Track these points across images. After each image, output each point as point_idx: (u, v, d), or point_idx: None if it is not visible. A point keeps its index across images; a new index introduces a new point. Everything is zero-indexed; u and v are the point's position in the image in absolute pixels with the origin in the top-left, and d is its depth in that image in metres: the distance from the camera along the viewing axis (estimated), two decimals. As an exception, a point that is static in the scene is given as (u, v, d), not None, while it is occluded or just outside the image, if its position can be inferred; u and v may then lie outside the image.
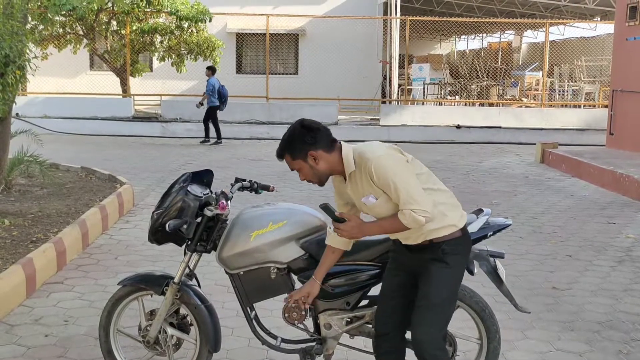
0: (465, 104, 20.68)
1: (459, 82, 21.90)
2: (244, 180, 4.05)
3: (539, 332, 5.02)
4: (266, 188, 4.12)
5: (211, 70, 16.59)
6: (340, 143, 3.36)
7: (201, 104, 16.56)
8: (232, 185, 3.99)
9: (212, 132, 16.34)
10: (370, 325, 3.76)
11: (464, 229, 3.37)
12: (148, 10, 18.55)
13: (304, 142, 3.30)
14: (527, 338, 4.91)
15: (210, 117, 16.35)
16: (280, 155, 3.38)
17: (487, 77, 22.18)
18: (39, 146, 9.37)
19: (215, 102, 16.21)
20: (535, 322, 5.19)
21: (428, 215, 3.17)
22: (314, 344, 3.81)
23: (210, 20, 18.34)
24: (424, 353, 3.26)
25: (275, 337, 3.88)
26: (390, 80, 21.98)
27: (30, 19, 15.70)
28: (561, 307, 5.55)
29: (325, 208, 3.35)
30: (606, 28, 23.48)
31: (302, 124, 3.35)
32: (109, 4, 18.07)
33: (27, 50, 7.33)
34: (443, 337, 3.35)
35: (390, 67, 21.73)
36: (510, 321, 5.12)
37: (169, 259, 6.39)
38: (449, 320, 3.41)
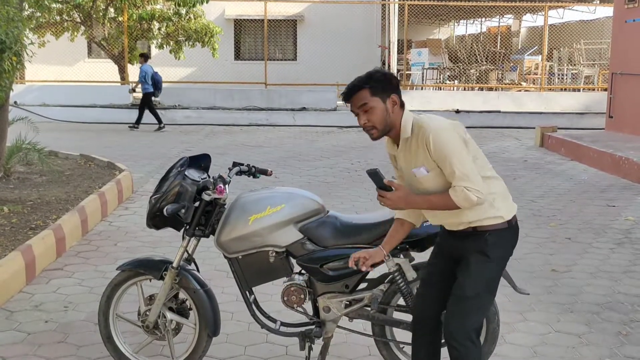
0: (465, 89, 20.64)
1: (458, 66, 21.85)
2: (242, 164, 4.04)
3: (539, 314, 5.03)
4: (264, 172, 4.11)
5: (144, 57, 16.69)
6: (405, 108, 3.23)
7: (133, 90, 16.61)
8: (230, 169, 3.98)
9: (154, 121, 16.27)
10: (370, 308, 3.76)
11: (511, 222, 3.23)
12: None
13: (391, 84, 3.18)
14: (527, 320, 4.92)
15: (145, 103, 16.39)
16: (356, 88, 3.16)
17: (486, 61, 22.12)
18: (38, 134, 9.36)
19: (149, 88, 16.30)
20: (535, 304, 5.20)
21: (481, 196, 3.04)
22: (313, 327, 3.81)
23: (207, 2, 18.22)
24: (453, 343, 3.19)
25: (274, 321, 3.89)
26: (389, 66, 21.92)
27: (26, 5, 15.63)
28: (560, 290, 5.56)
29: (374, 174, 3.15)
30: (605, 11, 23.40)
31: (385, 71, 3.25)
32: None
33: (24, 37, 7.30)
34: (476, 329, 3.25)
35: (389, 52, 21.68)
36: (509, 303, 5.13)
37: (168, 245, 6.40)
38: (485, 313, 3.34)
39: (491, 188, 3.19)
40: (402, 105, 3.20)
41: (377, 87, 3.14)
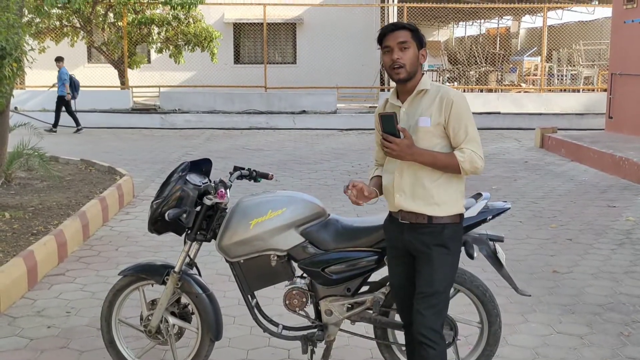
0: (464, 90, 20.64)
1: (457, 68, 21.86)
2: (243, 169, 4.05)
3: (540, 315, 5.04)
4: (265, 176, 4.12)
5: (61, 60, 16.66)
6: None
7: (69, 94, 16.46)
8: (231, 173, 3.99)
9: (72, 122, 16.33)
10: (371, 311, 3.77)
11: (462, 217, 3.34)
12: (145, 1, 18.48)
13: (423, 40, 3.30)
14: (528, 321, 4.92)
15: (62, 104, 16.43)
16: (403, 27, 3.25)
17: (485, 63, 22.14)
18: (39, 139, 9.37)
19: (64, 91, 16.36)
20: (536, 306, 5.20)
21: (482, 164, 3.18)
22: (315, 330, 3.82)
23: (202, 2, 18.21)
24: (426, 341, 3.20)
25: (276, 325, 3.89)
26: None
27: (26, 11, 15.66)
28: (562, 291, 5.56)
29: (390, 117, 3.12)
30: (604, 11, 23.42)
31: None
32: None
33: (24, 43, 7.31)
34: (442, 323, 3.30)
35: (389, 54, 21.66)
36: (511, 305, 5.14)
37: (170, 250, 6.40)
38: (447, 306, 3.38)
39: (462, 185, 3.30)
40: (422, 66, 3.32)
41: (417, 35, 3.25)
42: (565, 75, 21.65)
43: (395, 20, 20.53)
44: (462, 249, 3.57)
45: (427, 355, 3.21)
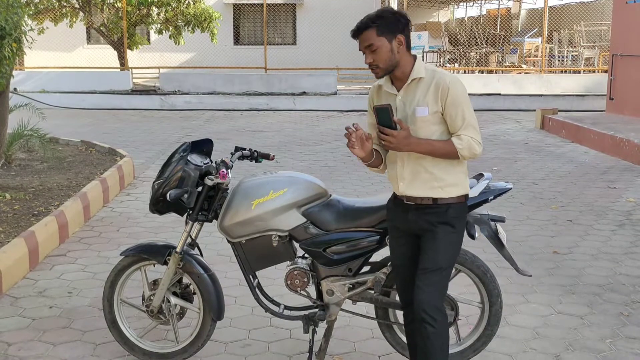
0: (465, 72, 20.58)
1: (457, 49, 21.77)
2: (244, 149, 4.05)
3: (541, 295, 5.06)
4: (266, 157, 4.12)
5: None
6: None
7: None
8: (232, 154, 3.99)
9: None
10: (373, 291, 3.78)
11: (466, 196, 3.34)
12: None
13: (398, 23, 3.19)
14: (529, 302, 4.94)
15: None
16: (364, 27, 3.18)
17: (486, 44, 22.04)
18: (38, 120, 9.36)
19: None
20: (537, 286, 5.22)
21: (481, 149, 3.17)
22: (316, 310, 3.83)
23: None
24: (424, 315, 3.20)
25: (278, 305, 3.91)
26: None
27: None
28: (562, 271, 5.58)
29: (386, 110, 3.09)
30: (606, -8, 23.26)
31: (395, 10, 3.25)
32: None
33: (23, 23, 7.27)
34: (442, 301, 3.30)
35: (389, 35, 21.56)
36: (511, 285, 5.16)
37: (171, 231, 6.42)
38: (447, 285, 3.38)
39: (464, 166, 3.30)
40: (408, 47, 3.24)
41: (384, 26, 3.16)
42: (566, 57, 21.57)
43: (395, 2, 20.43)
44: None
45: (427, 333, 3.21)
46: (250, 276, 3.86)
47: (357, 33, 3.22)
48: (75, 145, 10.47)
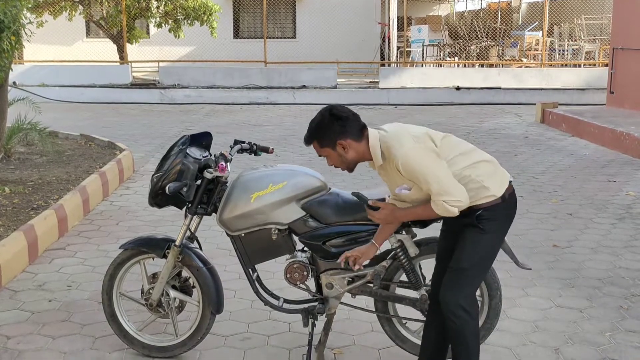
0: (465, 65, 20.54)
1: (458, 43, 21.72)
2: (243, 142, 4.05)
3: (540, 289, 5.05)
4: (265, 150, 4.12)
5: None
6: (368, 131, 3.30)
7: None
8: (231, 147, 3.98)
9: None
10: (372, 285, 3.78)
11: (504, 196, 3.27)
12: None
13: (333, 131, 3.27)
14: (528, 295, 4.94)
15: None
16: (308, 141, 3.36)
17: (486, 37, 21.99)
18: (38, 114, 9.34)
19: None
20: (536, 280, 5.22)
21: (461, 204, 3.14)
22: (316, 303, 3.83)
23: None
24: (448, 314, 3.26)
25: (277, 298, 3.90)
26: (389, 43, 21.80)
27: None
28: (562, 265, 5.58)
29: (358, 196, 3.40)
30: (606, -14, 23.18)
31: (331, 111, 3.30)
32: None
33: (22, 16, 7.26)
34: (470, 300, 3.30)
35: (389, 29, 21.55)
36: (511, 279, 5.15)
37: (171, 224, 6.41)
38: (478, 285, 3.40)
39: (480, 171, 3.26)
40: (359, 134, 3.28)
41: (322, 139, 3.32)
42: (567, 50, 21.52)
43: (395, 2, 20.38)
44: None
45: (449, 329, 3.31)
46: (250, 269, 3.85)
47: (307, 144, 3.39)
48: (74, 139, 10.46)
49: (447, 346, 3.53)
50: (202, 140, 3.97)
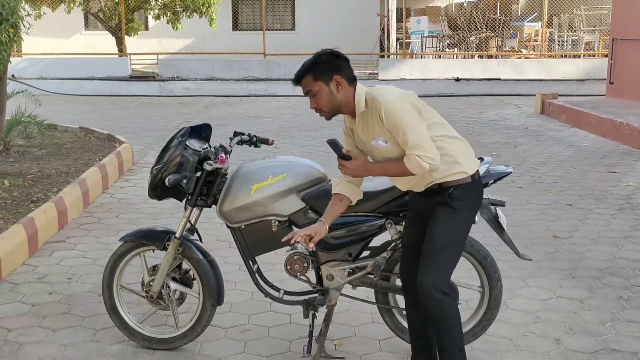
0: (464, 57, 20.51)
1: (457, 34, 21.67)
2: (243, 134, 4.04)
3: (540, 279, 5.06)
4: (265, 141, 4.11)
5: None
6: (357, 82, 3.32)
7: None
8: (231, 139, 3.97)
9: None
10: (373, 276, 3.78)
11: (475, 177, 3.32)
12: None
13: (332, 65, 3.26)
14: (529, 286, 4.94)
15: None
16: (301, 75, 3.29)
17: (485, 28, 21.94)
18: (37, 107, 9.33)
19: None
20: (537, 270, 5.22)
21: (434, 163, 3.14)
22: (316, 295, 3.82)
23: None
24: (427, 297, 3.23)
25: (278, 290, 3.90)
26: (388, 34, 21.75)
27: (22, -22, 15.45)
28: (562, 255, 5.58)
29: (333, 143, 3.27)
30: (606, -24, 23.11)
31: (332, 50, 3.33)
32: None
33: (20, 9, 7.24)
34: (447, 281, 3.30)
35: (388, 20, 21.49)
36: (511, 270, 5.15)
37: (170, 216, 6.41)
38: (454, 266, 3.36)
39: (454, 146, 3.30)
40: (351, 80, 3.30)
41: (318, 71, 3.25)
42: (566, 41, 21.47)
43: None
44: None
45: (429, 314, 3.29)
46: (250, 261, 3.85)
47: (296, 82, 3.31)
48: (73, 132, 10.45)
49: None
50: (202, 132, 3.96)
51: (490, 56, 20.23)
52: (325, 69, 3.25)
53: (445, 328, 3.30)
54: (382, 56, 21.02)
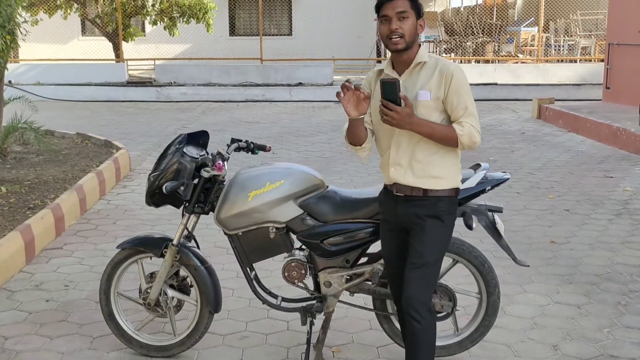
0: (461, 61, 20.54)
1: (454, 39, 21.71)
2: (240, 141, 4.03)
3: (538, 285, 5.05)
4: (262, 148, 4.10)
5: None
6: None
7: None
8: (229, 145, 3.97)
9: None
10: (370, 282, 3.77)
11: (457, 191, 3.30)
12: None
13: (421, 9, 3.19)
14: (526, 292, 4.94)
15: None
16: None
17: (482, 33, 21.99)
18: (34, 113, 9.32)
19: None
20: (534, 276, 5.22)
21: (478, 140, 3.13)
22: (314, 302, 3.82)
23: None
24: (411, 311, 3.17)
25: (275, 297, 3.89)
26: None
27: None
28: (560, 261, 5.58)
29: (393, 84, 3.00)
30: (602, -19, 23.16)
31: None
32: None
33: (17, 15, 7.23)
34: (430, 296, 3.26)
35: (385, 25, 21.46)
36: (509, 276, 5.15)
37: (168, 223, 6.40)
38: (436, 283, 3.36)
39: (458, 159, 3.28)
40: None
41: (416, 4, 3.17)
42: (563, 46, 21.52)
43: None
44: (461, 219, 3.58)
45: (414, 330, 3.19)
46: (248, 268, 3.84)
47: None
48: (70, 138, 10.43)
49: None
50: (199, 139, 3.96)
51: (487, 61, 20.27)
52: (420, 9, 3.18)
53: (429, 346, 3.22)
54: (379, 61, 21.03)
